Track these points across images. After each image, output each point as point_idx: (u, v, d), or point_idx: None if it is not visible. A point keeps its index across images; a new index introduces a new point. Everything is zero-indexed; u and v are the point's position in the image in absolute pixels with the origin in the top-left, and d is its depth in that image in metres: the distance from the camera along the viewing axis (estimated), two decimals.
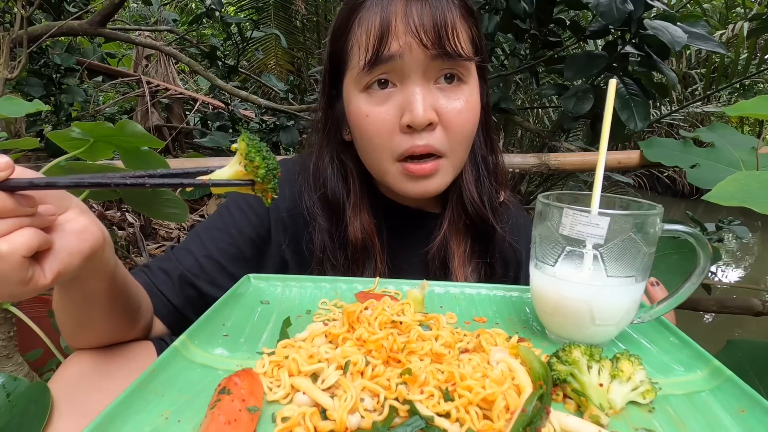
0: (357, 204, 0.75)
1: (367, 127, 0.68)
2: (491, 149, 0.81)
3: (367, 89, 0.68)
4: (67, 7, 2.04)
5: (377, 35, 0.64)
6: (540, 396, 0.39)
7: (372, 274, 0.75)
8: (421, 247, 0.78)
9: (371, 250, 0.75)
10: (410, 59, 0.64)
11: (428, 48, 0.64)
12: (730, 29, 4.15)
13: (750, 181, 0.63)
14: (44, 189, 0.42)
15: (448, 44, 0.64)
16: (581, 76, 1.50)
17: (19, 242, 0.38)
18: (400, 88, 0.67)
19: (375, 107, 0.67)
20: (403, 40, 0.64)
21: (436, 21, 0.64)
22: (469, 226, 0.78)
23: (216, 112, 2.73)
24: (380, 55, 0.64)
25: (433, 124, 0.66)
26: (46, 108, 1.07)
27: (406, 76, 0.66)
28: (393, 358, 0.45)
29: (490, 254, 0.80)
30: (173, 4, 4.57)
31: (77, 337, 0.59)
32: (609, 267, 0.50)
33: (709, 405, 0.44)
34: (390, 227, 0.78)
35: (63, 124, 1.98)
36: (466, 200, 0.76)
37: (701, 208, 4.82)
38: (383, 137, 0.68)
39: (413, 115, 0.65)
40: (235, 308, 0.59)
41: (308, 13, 4.46)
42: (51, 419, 0.52)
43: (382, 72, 0.66)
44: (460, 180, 0.76)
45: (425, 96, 0.66)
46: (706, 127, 1.40)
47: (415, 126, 0.65)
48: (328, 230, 0.75)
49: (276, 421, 0.38)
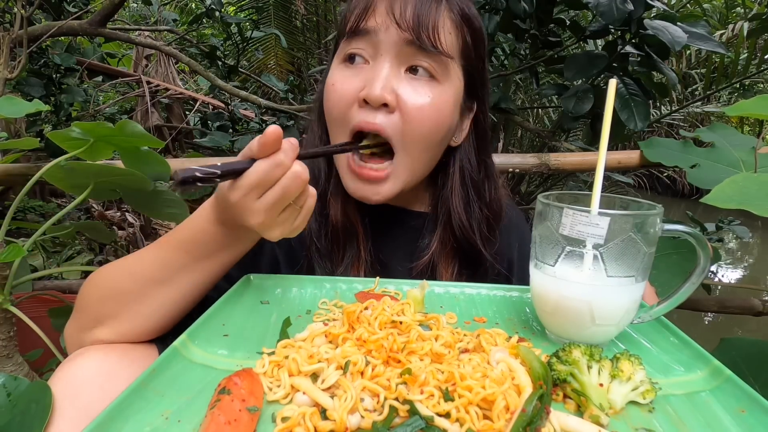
0: (338, 185, 0.74)
1: (331, 96, 0.69)
2: (485, 174, 0.78)
3: (344, 61, 0.69)
4: (67, 7, 2.04)
5: (360, 10, 0.67)
6: (540, 396, 0.39)
7: (355, 262, 0.74)
8: (407, 244, 0.78)
9: (354, 234, 0.75)
10: (385, 37, 0.65)
11: (402, 29, 0.64)
12: (730, 29, 4.15)
13: (748, 183, 0.63)
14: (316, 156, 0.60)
15: (423, 33, 0.64)
16: (581, 76, 1.50)
17: (312, 201, 0.57)
18: (372, 66, 0.67)
19: (343, 78, 0.69)
20: (382, 18, 0.65)
21: (419, 10, 0.65)
22: (458, 249, 0.76)
23: (216, 112, 2.72)
24: (358, 28, 0.66)
25: (390, 107, 0.66)
26: (46, 108, 1.07)
27: (378, 54, 0.67)
28: (393, 358, 0.45)
29: (480, 278, 0.78)
30: (173, 4, 4.57)
31: (137, 312, 0.61)
32: (609, 267, 0.50)
33: (709, 405, 0.44)
34: (373, 218, 0.77)
35: (63, 124, 1.98)
36: (454, 223, 0.75)
37: (701, 208, 4.81)
38: (341, 108, 0.68)
39: (371, 89, 0.64)
40: (235, 308, 0.59)
41: (308, 13, 4.46)
42: (52, 419, 0.52)
43: (359, 46, 0.67)
44: (448, 200, 0.75)
45: (389, 78, 0.66)
46: (706, 127, 1.39)
47: (370, 101, 0.65)
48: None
49: (276, 421, 0.38)
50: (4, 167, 1.22)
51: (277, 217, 0.54)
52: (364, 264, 0.74)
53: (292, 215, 0.56)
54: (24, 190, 0.98)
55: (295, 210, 0.56)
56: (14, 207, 0.98)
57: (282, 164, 0.52)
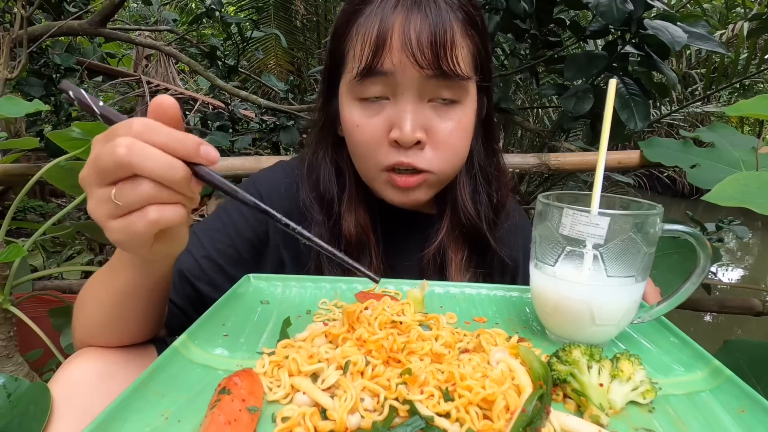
0: (351, 200, 0.75)
1: (357, 137, 0.69)
2: (493, 158, 0.80)
3: (360, 100, 0.68)
4: (67, 7, 2.04)
5: (372, 48, 0.63)
6: (540, 396, 0.39)
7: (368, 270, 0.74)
8: (417, 248, 0.78)
9: (366, 245, 0.75)
10: (403, 78, 0.64)
11: (423, 68, 0.63)
12: (730, 29, 4.15)
13: (749, 182, 0.63)
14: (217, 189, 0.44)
15: (445, 63, 0.63)
16: (581, 76, 1.50)
17: (169, 214, 0.41)
18: (393, 103, 0.66)
19: (366, 119, 0.68)
20: (398, 57, 0.63)
21: (435, 39, 0.62)
22: (466, 234, 0.78)
23: (216, 112, 2.72)
24: (373, 69, 0.64)
25: (421, 143, 0.67)
26: (46, 108, 1.07)
27: (399, 93, 0.65)
28: (393, 358, 0.45)
29: (488, 264, 0.80)
30: (173, 4, 4.57)
31: (104, 329, 0.59)
32: (609, 267, 0.50)
33: (709, 405, 0.44)
34: (384, 225, 0.78)
35: (63, 124, 1.98)
36: (461, 212, 0.76)
37: (701, 208, 4.82)
38: (371, 148, 0.68)
39: (401, 132, 0.65)
40: (235, 308, 0.59)
41: (308, 13, 4.46)
42: (51, 420, 0.52)
43: (375, 86, 0.66)
44: (455, 191, 0.76)
45: (415, 114, 0.65)
46: (706, 127, 1.40)
47: (402, 143, 0.66)
48: (323, 224, 0.75)
49: (276, 421, 0.38)
50: (4, 167, 1.22)
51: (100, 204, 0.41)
52: (376, 272, 0.74)
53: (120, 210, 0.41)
54: (24, 190, 0.98)
55: (117, 206, 0.40)
56: (14, 207, 0.98)
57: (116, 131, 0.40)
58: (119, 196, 0.40)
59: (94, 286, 0.60)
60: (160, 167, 0.39)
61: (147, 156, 0.39)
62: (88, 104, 0.42)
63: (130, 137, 0.39)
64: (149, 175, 0.39)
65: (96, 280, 0.60)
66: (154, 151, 0.39)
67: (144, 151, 0.39)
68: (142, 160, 0.39)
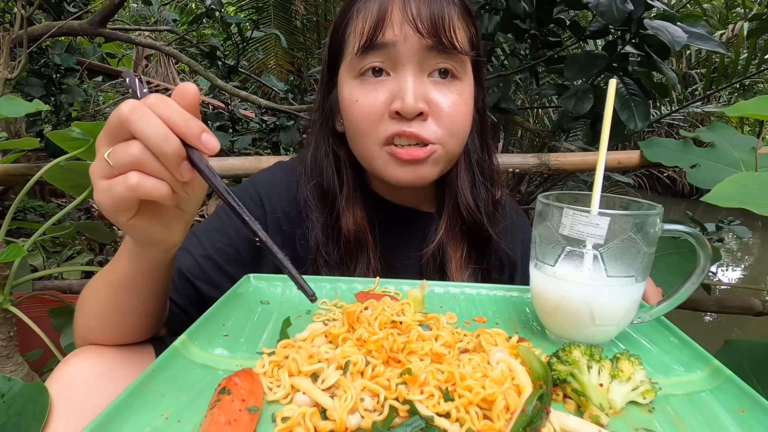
0: (350, 197, 0.75)
1: (357, 113, 0.68)
2: (487, 153, 0.81)
3: (360, 76, 0.68)
4: (67, 7, 2.04)
5: (373, 22, 0.65)
6: (540, 396, 0.39)
7: (365, 270, 0.74)
8: (416, 246, 0.78)
9: (364, 244, 0.75)
10: (405, 48, 0.65)
11: (424, 36, 0.64)
12: (730, 29, 4.14)
13: (749, 183, 0.63)
14: (203, 178, 0.45)
15: (444, 35, 0.64)
16: (581, 76, 1.50)
17: (149, 185, 0.41)
18: (394, 77, 0.67)
19: (366, 93, 0.68)
20: (399, 28, 0.64)
21: (434, 12, 0.64)
22: (466, 231, 0.78)
23: (216, 112, 2.72)
24: (374, 41, 0.65)
25: (423, 114, 0.66)
26: (46, 108, 1.07)
27: (400, 65, 0.66)
28: (393, 358, 0.45)
29: (487, 260, 0.80)
30: (173, 4, 4.57)
31: (102, 323, 0.60)
32: (609, 267, 0.50)
33: (709, 405, 0.44)
34: (383, 224, 0.77)
35: (63, 124, 1.98)
36: (461, 206, 0.76)
37: (701, 208, 4.82)
38: (371, 122, 0.67)
39: (404, 102, 0.64)
40: (235, 308, 0.59)
41: (308, 13, 4.46)
42: (50, 420, 0.52)
43: (376, 59, 0.66)
44: (455, 185, 0.76)
45: (417, 85, 0.66)
46: (706, 127, 1.40)
47: (405, 113, 0.65)
48: (322, 225, 0.75)
49: (276, 421, 0.38)
50: (4, 167, 1.22)
51: (98, 163, 0.43)
52: (374, 272, 0.74)
53: (108, 171, 0.42)
54: (24, 190, 0.98)
55: (108, 167, 0.42)
56: (14, 207, 0.98)
57: (138, 106, 0.41)
58: (111, 155, 0.41)
59: (95, 282, 0.61)
60: (154, 134, 0.40)
61: (146, 120, 0.40)
62: (135, 91, 0.44)
63: (140, 102, 0.41)
64: (141, 136, 0.40)
65: (97, 276, 0.61)
66: (155, 119, 0.40)
67: (145, 115, 0.40)
68: (140, 121, 0.40)
